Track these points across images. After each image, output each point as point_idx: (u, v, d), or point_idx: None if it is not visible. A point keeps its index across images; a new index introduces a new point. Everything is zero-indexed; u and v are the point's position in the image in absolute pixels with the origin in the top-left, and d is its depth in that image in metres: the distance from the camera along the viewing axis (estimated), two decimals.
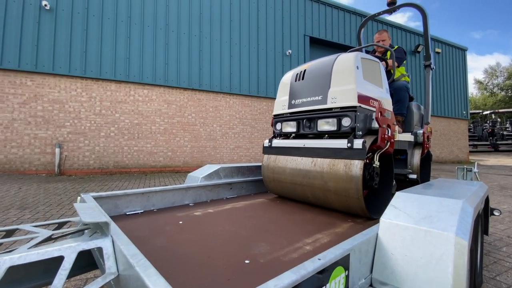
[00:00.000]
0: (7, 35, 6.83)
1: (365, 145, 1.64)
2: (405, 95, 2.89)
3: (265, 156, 2.40)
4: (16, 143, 6.80)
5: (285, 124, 2.23)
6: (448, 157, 15.37)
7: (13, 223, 3.03)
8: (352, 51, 3.01)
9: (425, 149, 2.79)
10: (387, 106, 2.03)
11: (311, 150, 1.96)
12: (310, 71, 2.06)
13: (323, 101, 1.90)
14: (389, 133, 1.84)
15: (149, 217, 1.79)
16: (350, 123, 1.75)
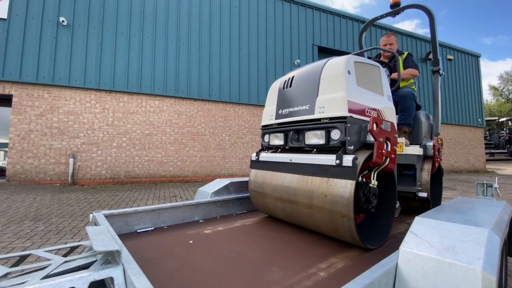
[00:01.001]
0: (26, 50, 7.15)
1: (357, 162, 1.42)
2: (411, 104, 2.61)
3: (252, 171, 2.19)
4: (32, 153, 7.01)
5: (273, 136, 2.01)
6: (463, 166, 14.87)
7: (26, 235, 3.08)
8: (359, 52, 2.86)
9: (436, 163, 2.52)
10: (388, 116, 1.81)
11: (298, 166, 1.75)
12: (298, 78, 1.85)
13: (310, 110, 1.68)
14: (389, 147, 1.62)
15: (160, 235, 1.78)
16: (340, 136, 1.52)
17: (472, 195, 6.50)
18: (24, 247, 2.69)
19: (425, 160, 2.55)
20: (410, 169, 2.50)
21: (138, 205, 4.83)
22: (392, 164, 1.63)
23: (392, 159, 1.61)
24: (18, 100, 7.00)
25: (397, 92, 2.64)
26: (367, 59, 1.91)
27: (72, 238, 2.98)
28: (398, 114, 2.59)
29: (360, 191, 1.55)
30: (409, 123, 2.60)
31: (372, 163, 1.52)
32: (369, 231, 1.71)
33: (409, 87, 2.85)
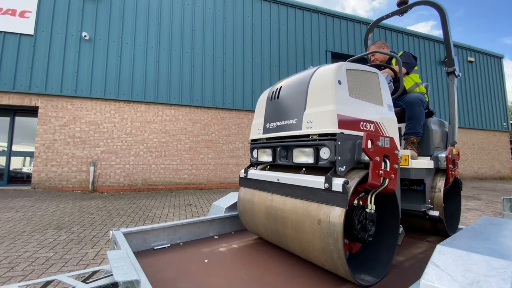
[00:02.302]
0: (51, 63, 7.57)
1: (348, 186, 1.24)
2: (419, 111, 2.31)
3: (241, 189, 2.05)
4: (56, 162, 7.35)
5: (261, 152, 1.84)
6: (488, 173, 14.12)
7: (50, 244, 3.22)
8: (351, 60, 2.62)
9: (450, 177, 2.21)
10: (388, 129, 1.61)
11: (286, 187, 1.57)
12: (285, 88, 1.68)
13: (297, 125, 1.51)
14: (387, 166, 1.41)
15: (176, 252, 1.81)
16: (330, 155, 1.33)
17: (498, 205, 6.16)
18: (47, 257, 2.81)
19: (437, 174, 2.25)
20: (419, 184, 2.22)
21: (154, 213, 4.93)
22: (392, 185, 1.42)
23: (392, 179, 1.40)
24: (44, 111, 7.40)
25: (404, 98, 2.41)
26: (362, 65, 1.68)
27: (92, 248, 3.08)
28: (406, 122, 2.34)
29: (355, 217, 1.39)
30: (418, 132, 2.30)
31: (368, 185, 1.33)
32: (367, 262, 1.51)
33: (418, 92, 2.58)
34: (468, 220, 4.65)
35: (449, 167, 2.19)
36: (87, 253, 2.92)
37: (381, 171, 1.35)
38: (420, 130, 2.29)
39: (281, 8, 10.35)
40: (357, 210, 1.40)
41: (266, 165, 1.94)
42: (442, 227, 2.18)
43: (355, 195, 1.39)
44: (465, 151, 13.53)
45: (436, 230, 2.26)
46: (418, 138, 2.32)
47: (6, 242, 3.25)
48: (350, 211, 1.37)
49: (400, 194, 1.59)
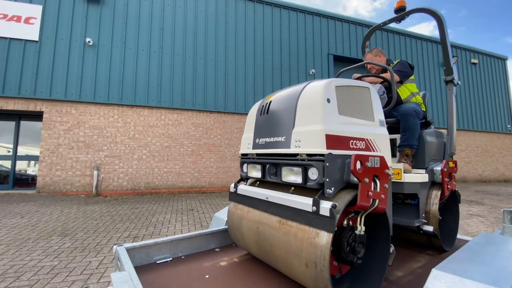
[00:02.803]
0: (55, 69, 7.67)
1: (335, 210, 1.21)
2: (414, 122, 2.22)
3: (231, 204, 2.01)
4: (60, 166, 7.44)
5: (251, 167, 1.81)
6: (492, 175, 14.01)
7: (54, 252, 3.28)
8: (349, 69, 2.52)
9: (445, 191, 2.14)
10: (379, 145, 1.58)
11: (274, 206, 1.54)
12: (274, 104, 1.65)
13: (286, 143, 1.48)
14: (377, 187, 1.38)
15: (177, 267, 1.84)
16: (318, 176, 1.30)
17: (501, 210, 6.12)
18: (52, 266, 2.86)
19: (432, 187, 2.18)
20: (413, 198, 2.15)
21: (157, 219, 4.98)
22: (383, 205, 1.39)
23: (382, 200, 1.38)
24: (48, 116, 7.50)
25: (398, 109, 2.34)
26: (352, 80, 1.65)
27: (96, 257, 3.13)
28: (400, 134, 2.27)
29: (344, 239, 1.36)
30: (412, 145, 2.22)
31: (357, 207, 1.30)
32: (355, 284, 1.48)
33: (413, 102, 2.50)
34: (470, 227, 4.64)
35: (444, 181, 2.13)
36: (91, 262, 2.97)
37: (371, 193, 1.32)
38: (414, 142, 2.22)
39: (283, 11, 10.38)
40: (346, 231, 1.37)
41: (256, 181, 1.89)
42: (437, 243, 2.14)
43: (344, 215, 1.38)
44: (469, 153, 13.44)
45: (431, 245, 2.21)
46: (413, 150, 2.24)
47: (12, 250, 3.31)
48: (339, 232, 1.35)
49: (391, 213, 1.56)
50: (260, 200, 1.67)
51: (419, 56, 12.90)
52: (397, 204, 2.23)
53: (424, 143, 2.25)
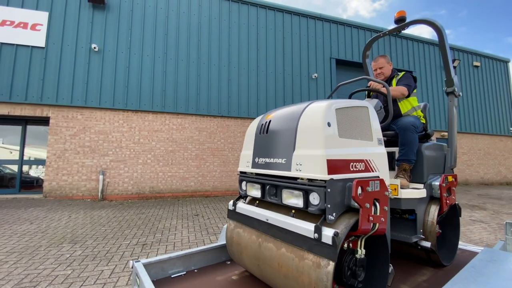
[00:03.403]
0: (62, 75, 7.77)
1: (338, 238, 1.20)
2: (412, 137, 2.18)
3: (230, 222, 1.99)
4: (67, 171, 7.54)
5: (250, 186, 1.78)
6: (495, 178, 14.03)
7: (66, 260, 3.36)
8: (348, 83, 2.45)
9: (444, 206, 2.10)
10: (378, 164, 1.58)
11: (274, 228, 1.52)
12: (274, 124, 1.63)
13: (287, 166, 1.45)
14: (377, 211, 1.39)
15: (191, 282, 1.92)
16: (319, 202, 1.29)
17: (504, 216, 6.17)
18: (66, 275, 2.95)
19: (430, 202, 2.13)
20: (411, 213, 2.11)
21: (164, 225, 5.06)
22: (383, 227, 1.40)
23: (382, 222, 1.39)
24: (55, 121, 7.60)
25: (397, 122, 2.31)
26: (352, 101, 1.66)
27: (107, 265, 3.21)
28: (398, 148, 2.25)
29: (345, 263, 1.36)
30: (410, 160, 2.18)
31: (359, 232, 1.32)
32: None
33: (412, 115, 2.47)
34: (473, 234, 4.69)
35: (443, 196, 2.10)
36: (103, 271, 3.05)
37: (371, 217, 1.33)
38: (412, 157, 2.18)
39: (285, 16, 10.46)
40: (347, 255, 1.37)
41: (255, 199, 1.85)
42: (436, 258, 2.12)
43: (345, 239, 1.37)
44: (471, 156, 13.46)
45: (430, 260, 2.19)
46: (411, 165, 2.20)
47: (25, 258, 3.40)
48: (340, 255, 1.33)
49: (389, 232, 1.59)
50: (259, 221, 1.64)
51: (421, 59, 12.94)
52: (395, 219, 2.21)
53: (423, 157, 2.21)
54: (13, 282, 2.77)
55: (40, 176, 8.29)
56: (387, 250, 1.51)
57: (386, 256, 1.51)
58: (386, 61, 2.65)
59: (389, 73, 2.66)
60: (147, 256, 3.53)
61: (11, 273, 3.00)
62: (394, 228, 2.16)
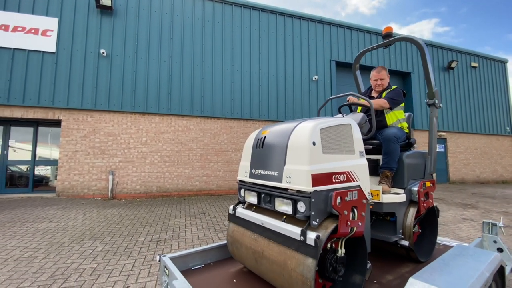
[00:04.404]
0: (72, 79, 8.10)
1: (319, 240, 1.45)
2: (394, 147, 2.43)
3: (230, 225, 2.26)
4: (78, 171, 7.91)
5: (247, 193, 2.04)
6: (491, 177, 14.36)
7: (90, 255, 3.73)
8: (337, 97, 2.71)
9: (422, 209, 2.38)
10: (359, 174, 1.81)
11: (268, 231, 1.79)
12: (268, 140, 1.87)
13: (279, 178, 1.69)
14: (355, 216, 1.65)
15: (209, 272, 2.28)
16: (305, 210, 1.53)
17: (494, 215, 6.51)
18: (93, 268, 3.31)
19: (410, 205, 2.40)
20: (392, 216, 2.37)
21: (173, 223, 5.43)
22: (360, 230, 1.66)
23: (359, 226, 1.65)
24: (66, 124, 7.95)
25: (382, 133, 2.56)
26: (336, 119, 1.87)
27: (128, 260, 3.58)
28: (382, 157, 2.50)
29: (327, 261, 1.61)
30: (391, 168, 2.43)
31: (338, 235, 1.56)
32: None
33: (396, 127, 2.72)
34: (461, 232, 5.04)
35: (420, 200, 2.36)
36: (125, 265, 3.42)
37: (349, 222, 1.59)
38: (394, 165, 2.42)
39: (286, 19, 10.73)
40: (329, 254, 1.63)
41: (252, 205, 2.09)
42: (414, 255, 2.41)
43: (328, 240, 1.62)
44: (468, 155, 13.79)
45: (409, 257, 2.48)
46: (392, 172, 2.45)
47: (52, 254, 3.76)
48: (323, 254, 1.60)
49: (369, 233, 1.86)
50: (256, 224, 1.91)
51: (419, 61, 13.20)
52: (378, 221, 2.51)
53: (404, 165, 2.46)
54: (46, 275, 3.14)
55: (46, 175, 8.66)
56: (365, 249, 1.78)
57: (365, 254, 1.77)
58: (387, 73, 2.91)
59: (386, 85, 2.94)
60: (162, 251, 3.89)
61: (42, 267, 3.36)
62: (377, 229, 2.47)
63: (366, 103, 2.57)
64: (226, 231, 4.92)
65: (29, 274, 3.14)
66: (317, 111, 10.34)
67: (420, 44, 2.69)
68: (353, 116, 2.44)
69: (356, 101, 2.74)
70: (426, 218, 2.64)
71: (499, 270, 2.13)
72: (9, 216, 5.66)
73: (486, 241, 2.96)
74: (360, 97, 2.61)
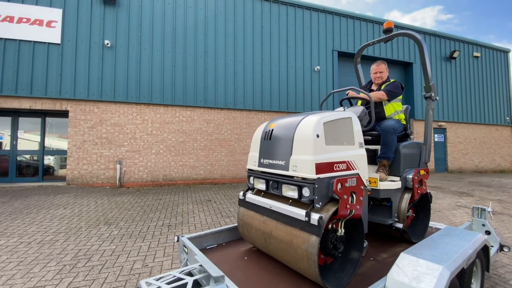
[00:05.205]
0: (78, 70, 8.22)
1: (322, 221, 1.64)
2: (391, 138, 2.62)
3: (241, 209, 2.46)
4: (87, 160, 8.16)
5: (256, 181, 2.24)
6: (489, 166, 14.61)
7: (108, 238, 4.01)
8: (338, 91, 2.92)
9: (416, 195, 2.59)
10: (358, 164, 2.00)
11: (276, 213, 1.99)
12: (276, 133, 2.05)
13: (285, 167, 1.88)
14: (354, 200, 1.84)
15: (222, 251, 2.53)
16: (309, 194, 1.72)
17: (488, 202, 6.78)
18: (112, 250, 3.59)
19: (405, 191, 2.61)
20: (388, 201, 2.59)
21: (182, 209, 5.71)
22: (358, 213, 1.87)
23: (357, 209, 1.85)
24: (73, 114, 8.14)
25: (380, 124, 2.73)
26: (338, 113, 2.03)
27: (143, 242, 3.86)
28: (380, 147, 2.69)
29: (329, 239, 1.82)
30: (389, 157, 2.64)
31: (338, 217, 1.76)
32: (337, 271, 1.93)
33: (394, 119, 2.88)
34: (455, 218, 5.31)
35: (414, 187, 2.57)
36: (141, 246, 3.70)
37: (348, 205, 1.79)
38: (391, 155, 2.63)
39: (289, 9, 10.69)
40: (330, 233, 1.85)
41: (260, 191, 2.30)
42: (407, 237, 2.65)
43: (329, 221, 1.80)
44: (467, 145, 13.99)
45: (403, 238, 2.73)
46: (389, 161, 2.66)
47: (72, 237, 4.05)
48: (325, 233, 1.79)
49: (367, 216, 2.07)
50: (265, 208, 2.12)
51: None
52: (375, 206, 2.75)
53: (400, 155, 2.67)
54: (70, 255, 3.42)
55: (50, 164, 8.89)
56: (362, 229, 2.00)
57: (362, 234, 1.99)
58: (386, 67, 3.07)
59: (385, 78, 3.11)
60: (174, 234, 4.17)
61: (65, 248, 3.64)
62: (374, 213, 2.71)
63: (366, 97, 2.74)
64: (232, 217, 5.21)
65: (53, 255, 3.42)
66: (319, 102, 10.48)
67: (418, 40, 2.83)
68: (354, 109, 2.63)
69: (356, 95, 2.92)
70: (419, 203, 2.86)
71: (484, 249, 2.38)
72: (24, 204, 5.95)
73: (475, 224, 3.21)
74: (360, 91, 2.78)
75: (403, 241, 2.77)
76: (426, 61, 2.83)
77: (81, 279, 2.83)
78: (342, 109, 2.68)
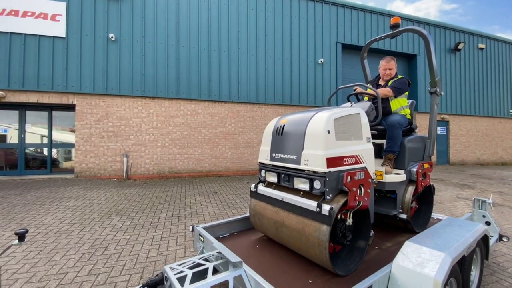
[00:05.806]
0: (83, 64, 8.28)
1: (332, 211, 1.74)
2: (397, 133, 2.71)
3: (252, 200, 2.55)
4: (94, 153, 8.31)
5: (268, 174, 2.34)
6: (490, 158, 14.68)
7: (121, 228, 4.18)
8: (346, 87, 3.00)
9: (419, 187, 2.69)
10: (366, 158, 2.09)
11: (288, 205, 2.08)
12: (287, 128, 2.13)
13: (297, 161, 1.97)
14: (362, 192, 1.93)
15: (235, 240, 2.67)
16: (320, 187, 1.82)
17: (489, 194, 6.90)
18: (127, 239, 3.76)
19: (409, 184, 2.72)
20: (393, 193, 2.70)
21: (190, 201, 5.87)
22: (366, 204, 1.98)
23: (365, 200, 1.96)
24: (80, 108, 8.24)
25: (387, 119, 2.82)
26: (347, 109, 2.10)
27: (155, 232, 4.02)
28: (386, 141, 2.77)
29: (338, 228, 1.94)
30: (394, 151, 2.73)
31: (347, 207, 1.87)
32: (345, 258, 2.05)
33: (400, 114, 2.96)
34: (456, 209, 5.45)
35: (418, 179, 2.67)
36: (154, 236, 3.86)
37: (357, 197, 1.89)
38: (396, 149, 2.73)
39: (293, 1, 10.59)
40: (339, 222, 1.97)
41: (271, 184, 2.39)
42: (410, 227, 2.78)
43: (339, 212, 1.92)
44: (469, 138, 14.03)
45: (407, 229, 2.82)
46: (395, 155, 2.75)
47: (87, 227, 4.22)
48: (335, 223, 1.90)
49: (373, 207, 2.16)
50: (277, 199, 2.22)
51: None
52: (380, 197, 2.87)
53: (405, 149, 2.76)
54: (88, 245, 3.59)
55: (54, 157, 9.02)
56: (369, 220, 2.12)
57: (369, 224, 2.11)
58: (395, 63, 3.10)
59: (393, 75, 3.16)
60: (184, 225, 4.33)
61: (82, 238, 3.81)
62: (379, 204, 2.84)
63: (373, 93, 2.83)
64: (238, 208, 5.37)
65: (71, 244, 3.59)
66: (322, 94, 10.50)
67: (425, 36, 2.88)
68: (361, 104, 2.71)
69: (363, 91, 3.00)
70: (423, 195, 2.97)
71: (484, 238, 2.50)
72: (36, 196, 6.12)
73: (476, 215, 3.34)
74: (367, 87, 2.86)
75: (407, 231, 2.91)
76: (432, 56, 2.88)
77: (101, 266, 3.00)
78: (349, 104, 2.77)
